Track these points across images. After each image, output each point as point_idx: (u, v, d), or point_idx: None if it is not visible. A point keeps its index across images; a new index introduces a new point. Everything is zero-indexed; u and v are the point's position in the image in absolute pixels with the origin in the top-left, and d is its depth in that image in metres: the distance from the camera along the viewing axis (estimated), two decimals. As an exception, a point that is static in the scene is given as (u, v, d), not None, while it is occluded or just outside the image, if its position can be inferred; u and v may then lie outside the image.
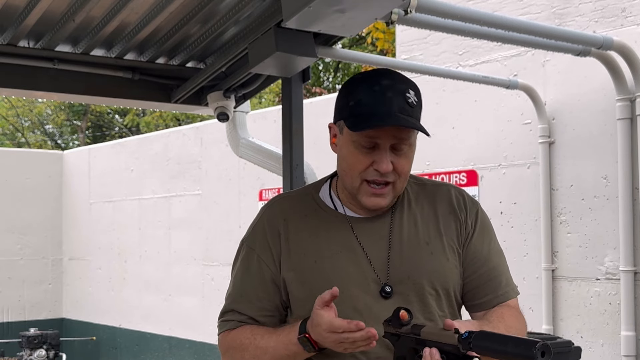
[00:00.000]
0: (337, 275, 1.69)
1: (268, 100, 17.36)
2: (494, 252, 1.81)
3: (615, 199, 4.12)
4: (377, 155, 1.65)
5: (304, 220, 1.76)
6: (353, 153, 1.68)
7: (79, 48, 3.38)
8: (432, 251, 1.74)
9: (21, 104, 20.39)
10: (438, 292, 1.72)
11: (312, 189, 1.84)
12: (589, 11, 4.42)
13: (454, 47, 5.11)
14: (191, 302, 7.76)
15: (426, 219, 1.77)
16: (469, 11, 2.98)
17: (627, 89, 4.00)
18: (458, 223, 1.78)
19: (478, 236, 1.79)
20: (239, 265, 1.82)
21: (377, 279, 1.69)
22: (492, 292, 1.77)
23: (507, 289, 1.79)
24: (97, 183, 9.44)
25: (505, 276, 1.81)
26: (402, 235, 1.74)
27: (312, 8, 2.38)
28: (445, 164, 5.08)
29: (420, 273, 1.71)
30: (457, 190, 1.84)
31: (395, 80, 1.69)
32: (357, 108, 1.65)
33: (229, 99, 3.79)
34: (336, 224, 1.75)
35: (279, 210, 1.80)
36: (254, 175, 6.83)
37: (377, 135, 1.64)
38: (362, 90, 1.67)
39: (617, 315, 4.11)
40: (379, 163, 1.65)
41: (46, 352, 7.74)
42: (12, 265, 9.56)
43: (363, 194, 1.70)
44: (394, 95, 1.64)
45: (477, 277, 1.77)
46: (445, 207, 1.79)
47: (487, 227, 1.83)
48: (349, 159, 1.69)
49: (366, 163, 1.66)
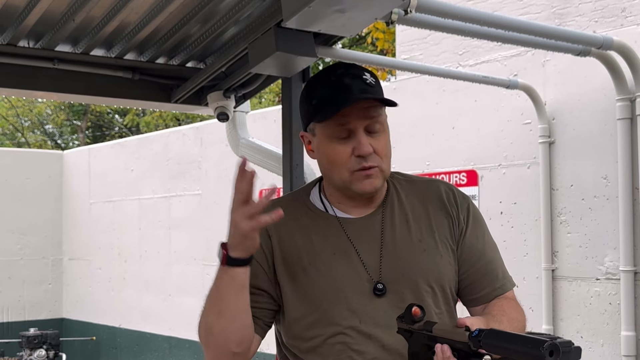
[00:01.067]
0: (331, 277, 1.69)
1: (268, 100, 17.37)
2: (489, 245, 1.81)
3: (615, 199, 4.12)
4: (355, 141, 1.67)
5: (295, 223, 1.76)
6: (331, 147, 1.69)
7: (79, 48, 3.38)
8: (425, 248, 1.73)
9: (21, 104, 20.39)
10: (434, 289, 1.72)
11: (302, 193, 1.84)
12: (589, 11, 4.42)
13: (454, 47, 5.11)
14: (191, 302, 7.75)
15: (417, 216, 1.77)
16: (469, 11, 2.98)
17: (627, 89, 4.00)
18: (450, 219, 1.78)
19: (472, 231, 1.79)
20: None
21: (370, 278, 1.69)
22: (490, 285, 1.77)
23: (504, 282, 1.79)
24: (97, 183, 9.44)
25: (501, 269, 1.81)
26: (394, 233, 1.74)
27: (312, 8, 2.38)
28: (445, 164, 5.08)
29: (415, 271, 1.71)
30: (447, 186, 1.84)
31: (349, 67, 1.72)
32: (321, 102, 1.68)
33: (229, 99, 3.78)
34: (328, 225, 1.75)
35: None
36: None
37: (348, 121, 1.65)
38: (319, 86, 1.71)
39: (617, 315, 4.11)
40: (359, 147, 1.66)
41: (46, 352, 7.73)
42: (12, 265, 9.56)
43: (355, 182, 1.69)
44: (351, 79, 1.67)
45: (473, 271, 1.77)
46: (435, 203, 1.79)
47: (479, 221, 1.82)
48: (329, 154, 1.70)
49: (347, 152, 1.67)
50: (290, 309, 1.73)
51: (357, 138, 1.66)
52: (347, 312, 1.67)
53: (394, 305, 1.67)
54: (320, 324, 1.68)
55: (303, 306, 1.70)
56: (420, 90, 5.32)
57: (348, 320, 1.66)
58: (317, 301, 1.69)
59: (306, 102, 1.73)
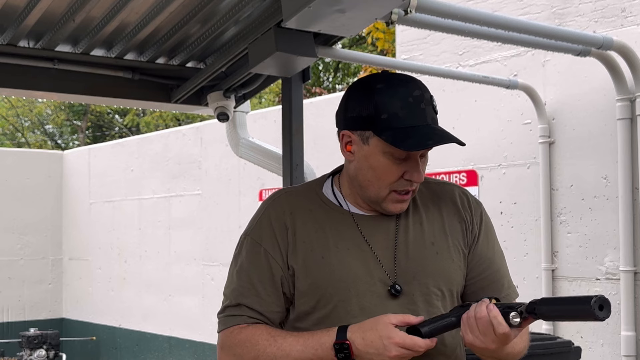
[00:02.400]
0: (344, 271, 1.68)
1: (268, 100, 17.37)
2: (498, 254, 1.81)
3: (615, 199, 4.12)
4: (410, 165, 1.65)
5: (310, 215, 1.74)
6: (384, 164, 1.66)
7: (79, 48, 3.38)
8: (438, 251, 1.73)
9: (21, 104, 20.40)
10: (443, 292, 1.72)
11: (315, 185, 1.82)
12: (589, 11, 4.42)
13: (454, 47, 5.11)
14: (191, 302, 7.75)
15: (431, 219, 1.76)
16: (469, 11, 2.98)
17: (627, 89, 4.00)
18: (463, 224, 1.77)
19: (484, 238, 1.79)
20: (243, 258, 1.75)
21: (385, 278, 1.68)
22: (495, 294, 1.73)
23: (509, 291, 1.79)
24: (97, 183, 9.44)
25: (507, 278, 1.81)
26: (408, 235, 1.73)
27: (312, 8, 2.38)
28: (445, 164, 5.08)
29: (426, 273, 1.70)
30: (461, 191, 1.83)
31: (422, 89, 1.67)
32: (394, 122, 1.62)
33: (229, 99, 3.78)
34: (342, 220, 1.73)
35: (285, 204, 1.76)
36: (254, 175, 6.83)
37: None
38: (394, 100, 1.64)
39: (617, 315, 4.11)
40: (413, 174, 1.66)
41: (46, 352, 7.73)
42: (12, 265, 9.56)
43: (389, 202, 1.69)
44: (426, 106, 1.65)
45: (481, 279, 1.77)
46: (449, 207, 1.79)
47: (490, 229, 1.83)
48: (378, 170, 1.67)
49: (398, 174, 1.66)
50: (301, 303, 1.71)
51: (413, 164, 1.66)
52: (357, 309, 1.66)
53: (404, 307, 1.66)
54: (329, 320, 1.66)
55: (313, 300, 1.68)
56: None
57: (357, 318, 1.64)
58: (328, 295, 1.68)
59: (369, 108, 1.65)
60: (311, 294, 1.68)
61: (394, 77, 1.69)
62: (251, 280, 1.72)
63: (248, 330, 1.68)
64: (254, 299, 1.70)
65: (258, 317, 1.70)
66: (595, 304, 1.38)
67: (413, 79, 1.70)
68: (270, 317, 1.71)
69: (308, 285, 1.69)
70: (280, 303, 1.71)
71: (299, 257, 1.70)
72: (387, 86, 1.66)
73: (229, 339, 1.71)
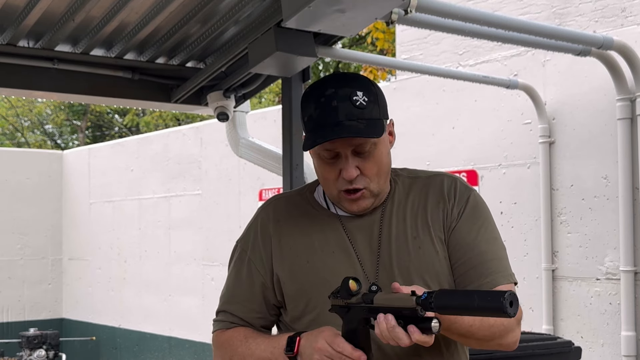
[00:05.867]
0: (328, 274, 1.68)
1: (268, 100, 17.37)
2: (484, 238, 1.73)
3: (615, 199, 4.12)
4: (342, 163, 1.67)
5: (297, 220, 1.77)
6: (319, 165, 1.71)
7: (79, 48, 3.38)
8: (420, 245, 1.71)
9: (21, 104, 20.39)
10: (430, 287, 1.68)
11: (307, 190, 1.85)
12: (589, 11, 4.42)
13: (454, 47, 5.11)
14: (191, 302, 7.75)
15: (415, 212, 1.75)
16: (469, 11, 2.98)
17: (627, 88, 4.00)
18: (445, 212, 1.74)
19: (464, 222, 1.73)
20: (232, 266, 1.85)
21: (366, 279, 1.68)
22: (478, 279, 1.69)
23: (495, 276, 1.69)
24: (97, 183, 9.44)
25: (496, 263, 1.71)
26: (391, 232, 1.73)
27: (312, 8, 2.38)
28: (445, 164, 5.07)
29: (410, 269, 1.69)
30: (451, 179, 1.79)
31: (340, 85, 1.66)
32: (309, 124, 1.67)
33: (229, 99, 3.78)
34: (329, 223, 1.75)
35: (272, 211, 1.81)
36: (254, 175, 6.83)
37: (333, 146, 1.65)
38: (310, 104, 1.67)
39: (617, 316, 4.11)
40: (344, 172, 1.66)
41: (46, 352, 7.73)
42: (12, 265, 9.57)
43: (344, 201, 1.72)
44: (339, 102, 1.63)
45: (461, 264, 1.71)
46: (435, 197, 1.76)
47: (478, 213, 1.76)
48: (318, 171, 1.73)
49: (335, 173, 1.68)
50: (291, 308, 1.75)
51: (343, 162, 1.66)
52: None
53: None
54: (317, 323, 1.67)
55: (302, 304, 1.71)
56: (420, 90, 5.32)
57: None
58: (314, 299, 1.70)
59: (302, 113, 1.71)
60: (299, 298, 1.72)
61: (323, 80, 1.71)
62: (234, 288, 1.83)
63: (228, 333, 1.80)
64: (236, 305, 1.81)
65: (239, 322, 1.81)
66: (506, 300, 1.29)
67: (339, 77, 1.70)
68: (252, 322, 1.80)
69: (295, 290, 1.73)
70: (261, 309, 1.79)
71: (285, 264, 1.74)
72: (309, 89, 1.71)
73: (215, 341, 1.84)
